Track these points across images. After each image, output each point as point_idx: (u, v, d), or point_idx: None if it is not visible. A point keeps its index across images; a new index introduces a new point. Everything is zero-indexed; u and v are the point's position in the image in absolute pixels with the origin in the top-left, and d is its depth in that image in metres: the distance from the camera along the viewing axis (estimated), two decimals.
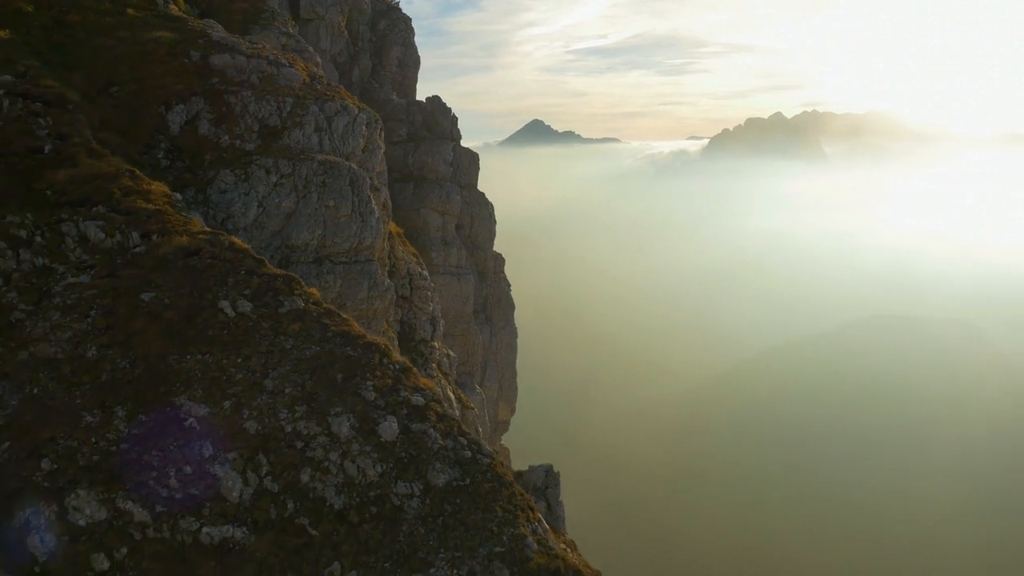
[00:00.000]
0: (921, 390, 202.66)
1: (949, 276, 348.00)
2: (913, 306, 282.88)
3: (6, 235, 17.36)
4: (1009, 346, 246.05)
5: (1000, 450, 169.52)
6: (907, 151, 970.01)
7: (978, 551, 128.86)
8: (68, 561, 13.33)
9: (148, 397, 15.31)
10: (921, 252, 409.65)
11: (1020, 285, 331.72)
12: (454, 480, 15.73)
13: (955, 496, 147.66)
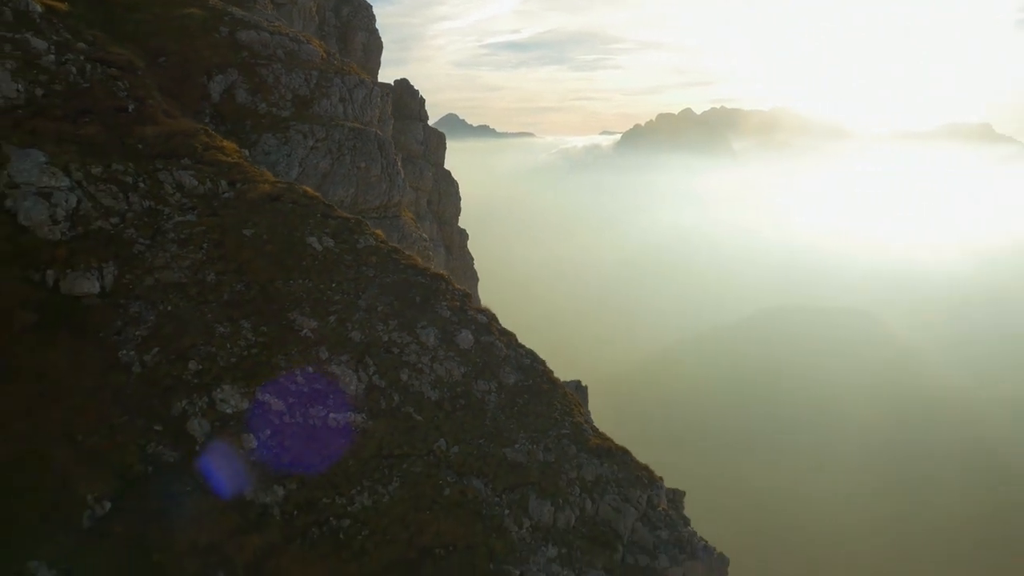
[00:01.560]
0: (824, 376, 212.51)
1: (849, 267, 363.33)
2: (816, 296, 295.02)
3: (116, 181, 19.75)
4: (905, 333, 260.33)
5: (897, 435, 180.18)
6: (812, 147, 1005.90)
7: (878, 534, 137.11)
8: (223, 440, 16.11)
9: (266, 313, 18.09)
10: (823, 244, 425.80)
11: (915, 275, 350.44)
12: (519, 381, 18.98)
13: (855, 478, 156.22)
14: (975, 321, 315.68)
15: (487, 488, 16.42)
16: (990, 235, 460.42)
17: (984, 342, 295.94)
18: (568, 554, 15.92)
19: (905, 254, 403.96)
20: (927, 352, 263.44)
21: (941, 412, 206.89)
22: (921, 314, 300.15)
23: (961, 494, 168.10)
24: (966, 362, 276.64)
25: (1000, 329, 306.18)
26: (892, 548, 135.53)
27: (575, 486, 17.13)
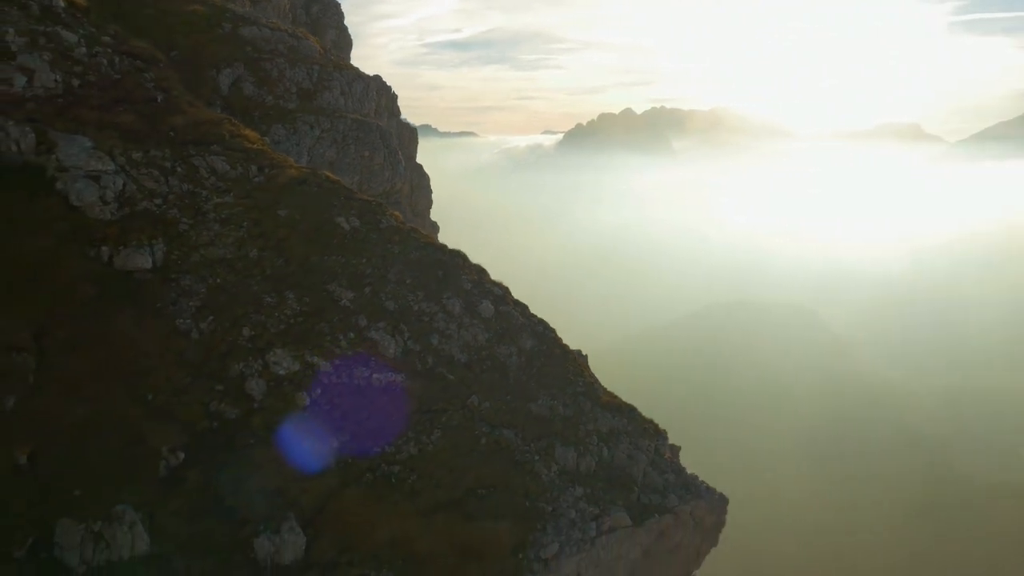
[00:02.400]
0: (766, 371, 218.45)
1: (790, 264, 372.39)
2: (758, 293, 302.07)
3: (156, 165, 21.14)
4: (844, 328, 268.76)
5: (836, 427, 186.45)
6: (751, 146, 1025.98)
7: (819, 522, 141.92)
8: (277, 398, 17.73)
9: (307, 285, 19.74)
10: (764, 242, 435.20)
11: (852, 271, 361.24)
12: (535, 346, 20.93)
13: (796, 469, 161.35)
14: (910, 315, 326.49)
15: (517, 438, 18.30)
16: (922, 232, 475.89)
17: (919, 336, 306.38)
18: (592, 494, 17.90)
19: (843, 251, 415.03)
20: (865, 346, 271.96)
21: (879, 404, 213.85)
22: (859, 309, 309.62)
23: (897, 482, 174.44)
24: (902, 355, 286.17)
25: (934, 323, 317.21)
26: (831, 536, 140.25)
27: (593, 436, 19.12)
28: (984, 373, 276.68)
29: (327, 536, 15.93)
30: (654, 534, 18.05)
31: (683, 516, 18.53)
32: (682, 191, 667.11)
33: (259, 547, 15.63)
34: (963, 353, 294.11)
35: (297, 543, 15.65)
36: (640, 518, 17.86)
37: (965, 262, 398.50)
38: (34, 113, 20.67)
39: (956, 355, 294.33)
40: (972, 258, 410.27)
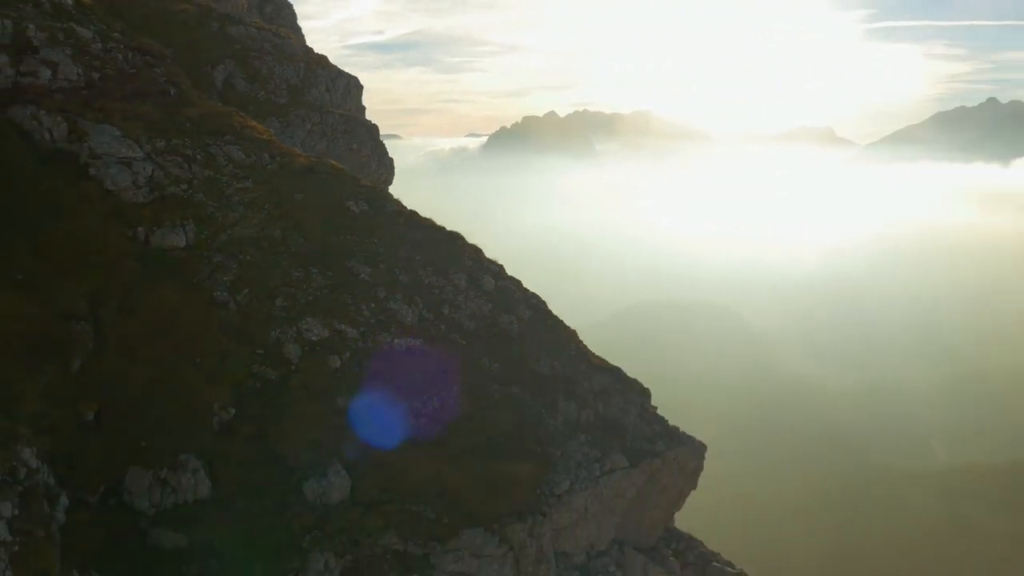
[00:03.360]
0: (688, 370, 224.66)
1: (710, 265, 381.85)
2: (679, 294, 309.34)
3: (179, 153, 22.79)
4: (763, 327, 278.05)
5: (755, 423, 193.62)
6: (671, 149, 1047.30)
7: (735, 517, 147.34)
8: (311, 361, 19.69)
9: (328, 261, 21.71)
10: (685, 243, 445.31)
11: (771, 272, 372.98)
12: (532, 316, 23.29)
13: (716, 465, 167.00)
14: (827, 313, 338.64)
15: (525, 393, 20.62)
16: (837, 232, 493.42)
17: (836, 333, 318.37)
18: (593, 440, 20.34)
19: (761, 252, 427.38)
20: (784, 344, 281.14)
21: (798, 399, 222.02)
22: (778, 309, 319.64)
23: (817, 473, 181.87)
24: (820, 352, 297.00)
25: (849, 320, 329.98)
26: (756, 526, 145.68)
27: (589, 392, 21.56)
28: (897, 368, 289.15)
29: (368, 478, 18.00)
30: (646, 475, 20.58)
31: (669, 460, 21.11)
32: (606, 193, 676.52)
33: (309, 490, 17.61)
34: (878, 349, 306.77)
35: (343, 485, 17.68)
36: (634, 461, 20.37)
37: (878, 261, 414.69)
38: (63, 104, 22.13)
39: (871, 351, 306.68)
40: (885, 257, 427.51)
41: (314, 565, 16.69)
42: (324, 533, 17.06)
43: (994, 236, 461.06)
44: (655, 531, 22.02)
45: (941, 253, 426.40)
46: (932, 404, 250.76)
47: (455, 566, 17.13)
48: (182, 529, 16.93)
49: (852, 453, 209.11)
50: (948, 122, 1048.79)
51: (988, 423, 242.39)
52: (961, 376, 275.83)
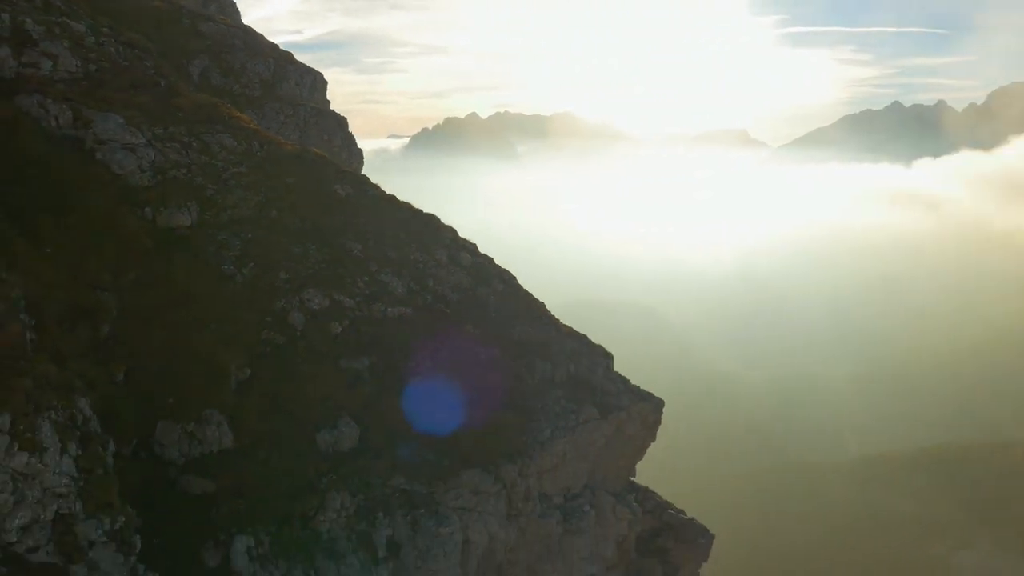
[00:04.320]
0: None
1: (631, 265, 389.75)
2: (600, 294, 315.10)
3: (176, 140, 24.40)
4: (683, 326, 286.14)
5: (676, 418, 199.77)
6: (592, 150, 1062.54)
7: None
8: (315, 328, 21.66)
9: (322, 239, 23.67)
10: (606, 244, 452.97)
11: (689, 271, 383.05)
12: (505, 289, 25.65)
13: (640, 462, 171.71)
14: (743, 312, 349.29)
15: (506, 355, 22.96)
16: (752, 232, 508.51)
17: (752, 330, 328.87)
18: (568, 395, 22.79)
19: (680, 252, 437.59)
20: (704, 342, 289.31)
21: (718, 395, 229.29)
22: (698, 309, 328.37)
23: (738, 465, 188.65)
24: (738, 349, 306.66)
25: (765, 318, 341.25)
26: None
27: (561, 355, 24.00)
28: (811, 363, 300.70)
29: (374, 428, 20.10)
30: (614, 426, 23.14)
31: (633, 413, 23.72)
32: (529, 195, 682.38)
33: (321, 439, 19.64)
34: (792, 345, 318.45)
35: (352, 434, 19.77)
36: (603, 414, 22.91)
37: (792, 260, 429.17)
38: (66, 93, 23.53)
39: (787, 347, 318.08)
40: (798, 256, 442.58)
41: (331, 504, 18.73)
42: (339, 476, 19.11)
43: (899, 234, 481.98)
44: (621, 479, 24.62)
45: (851, 251, 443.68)
46: (845, 397, 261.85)
47: (456, 502, 19.39)
48: (209, 476, 18.76)
49: (769, 447, 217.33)
50: (856, 125, 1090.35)
51: (897, 413, 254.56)
52: (871, 369, 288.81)
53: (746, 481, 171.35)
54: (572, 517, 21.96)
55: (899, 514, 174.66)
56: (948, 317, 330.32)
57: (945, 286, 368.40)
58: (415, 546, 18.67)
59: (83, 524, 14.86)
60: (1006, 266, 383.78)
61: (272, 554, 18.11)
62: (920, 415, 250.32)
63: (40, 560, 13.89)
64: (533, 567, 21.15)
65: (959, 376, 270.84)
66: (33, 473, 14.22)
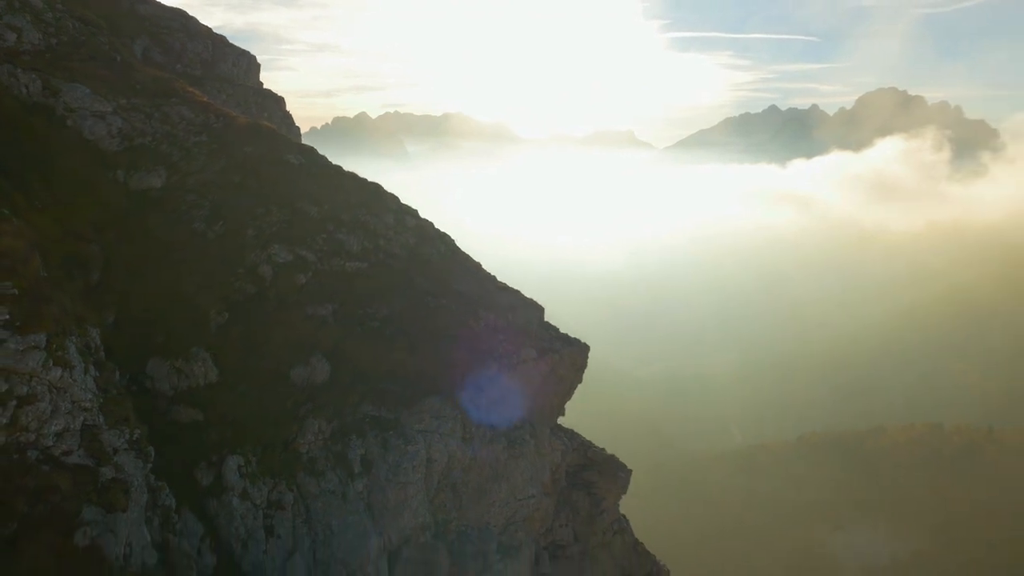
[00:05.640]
0: None
1: (519, 263, 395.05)
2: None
3: (139, 110, 26.08)
4: (571, 324, 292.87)
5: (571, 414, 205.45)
6: (481, 150, 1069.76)
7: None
8: (282, 279, 23.88)
9: (282, 202, 25.84)
10: (494, 242, 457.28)
11: (577, 270, 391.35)
12: (445, 250, 28.33)
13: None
14: (630, 309, 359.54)
15: (452, 304, 25.67)
16: (637, 231, 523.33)
17: (638, 327, 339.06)
18: (509, 339, 25.63)
19: (567, 251, 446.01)
20: (591, 340, 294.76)
21: (607, 392, 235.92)
22: (585, 309, 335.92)
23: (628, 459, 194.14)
24: (625, 346, 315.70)
25: (652, 315, 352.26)
26: None
27: (501, 306, 26.88)
28: (696, 358, 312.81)
29: (342, 366, 22.51)
30: (549, 366, 26.15)
31: (565, 356, 26.79)
32: (419, 195, 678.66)
33: (296, 375, 21.98)
34: (677, 341, 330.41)
35: (324, 369, 22.16)
36: (540, 355, 25.90)
37: (678, 259, 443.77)
38: (32, 64, 24.93)
39: (674, 342, 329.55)
40: (681, 254, 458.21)
41: (309, 429, 21.11)
42: (314, 405, 21.49)
43: (777, 232, 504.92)
44: (553, 415, 27.66)
45: (733, 249, 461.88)
46: (729, 390, 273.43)
47: (420, 425, 22.02)
48: (198, 406, 20.87)
49: (658, 440, 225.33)
50: (736, 127, 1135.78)
51: (777, 404, 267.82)
52: (753, 362, 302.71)
53: (638, 472, 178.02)
54: (515, 444, 24.87)
55: (780, 499, 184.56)
56: (822, 311, 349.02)
57: (819, 281, 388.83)
58: (386, 462, 21.20)
59: (107, 433, 16.89)
60: (874, 261, 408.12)
61: (259, 472, 20.37)
62: (799, 405, 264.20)
63: (74, 462, 15.85)
64: (483, 487, 23.93)
65: (833, 367, 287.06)
66: (64, 387, 16.23)
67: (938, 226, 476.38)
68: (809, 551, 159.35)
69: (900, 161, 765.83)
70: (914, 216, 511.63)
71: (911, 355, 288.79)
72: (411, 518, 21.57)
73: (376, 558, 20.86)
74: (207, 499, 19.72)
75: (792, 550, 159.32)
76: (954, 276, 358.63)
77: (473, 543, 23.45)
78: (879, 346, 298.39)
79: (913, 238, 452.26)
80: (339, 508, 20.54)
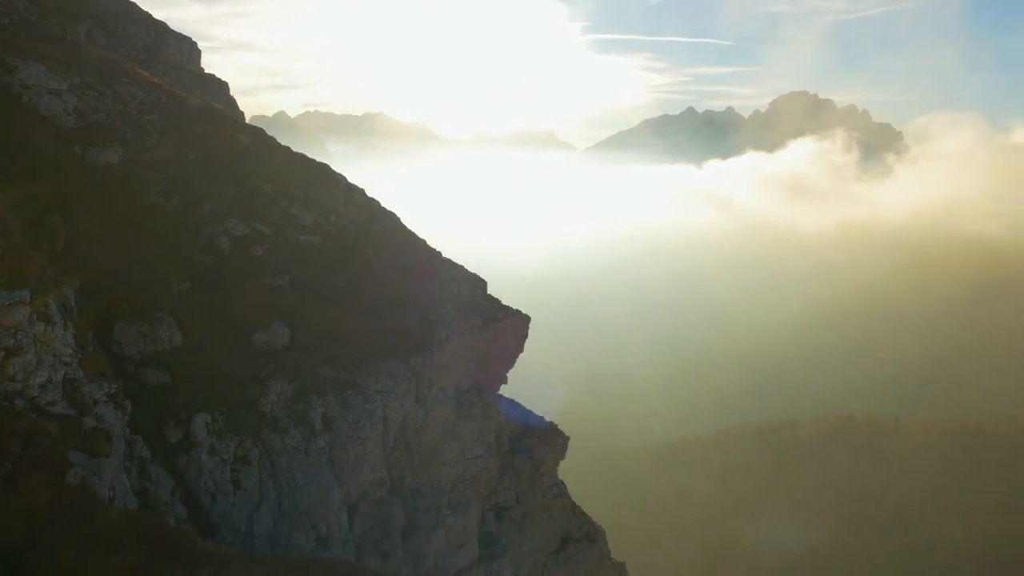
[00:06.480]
0: None
1: None
2: None
3: (92, 88, 26.71)
4: None
5: None
6: (402, 150, 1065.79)
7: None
8: (240, 250, 24.93)
9: (238, 179, 26.84)
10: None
11: (499, 271, 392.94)
12: (391, 227, 29.70)
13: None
14: (551, 307, 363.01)
15: (402, 276, 27.08)
16: (560, 232, 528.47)
17: (562, 327, 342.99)
18: (457, 309, 27.18)
19: (489, 252, 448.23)
20: None
21: (533, 389, 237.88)
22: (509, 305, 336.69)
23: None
24: (547, 345, 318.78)
25: (572, 313, 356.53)
26: None
27: (447, 279, 28.38)
28: (616, 355, 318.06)
29: (301, 332, 23.70)
30: (493, 334, 27.78)
31: (508, 325, 28.45)
32: None
33: (257, 339, 23.08)
34: (602, 339, 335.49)
35: (284, 333, 23.33)
36: (486, 323, 27.51)
37: (599, 258, 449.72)
38: None
39: (596, 341, 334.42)
40: (602, 253, 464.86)
41: (272, 389, 22.25)
42: (277, 367, 22.62)
43: (695, 231, 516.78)
44: (497, 383, 29.30)
45: (653, 249, 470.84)
46: (650, 386, 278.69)
47: (377, 385, 23.37)
48: (164, 368, 21.78)
49: (580, 437, 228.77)
50: (655, 128, 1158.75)
51: (697, 399, 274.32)
52: (673, 358, 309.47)
53: (560, 468, 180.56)
54: (463, 407, 26.44)
55: (699, 492, 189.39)
56: (739, 308, 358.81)
57: (736, 279, 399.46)
58: (346, 420, 22.49)
59: (87, 386, 17.87)
60: (787, 259, 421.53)
61: (226, 430, 21.42)
62: (717, 400, 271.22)
63: (58, 412, 16.83)
64: (435, 446, 25.41)
65: (750, 362, 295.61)
66: (47, 341, 17.19)
67: (848, 225, 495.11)
68: (728, 542, 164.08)
69: (812, 162, 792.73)
70: (825, 215, 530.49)
71: (823, 350, 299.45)
72: (370, 472, 22.91)
73: (338, 510, 22.15)
74: (176, 455, 20.69)
75: (712, 542, 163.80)
76: (863, 273, 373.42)
77: (426, 498, 24.93)
78: (793, 341, 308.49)
79: (824, 237, 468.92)
80: (303, 463, 21.74)
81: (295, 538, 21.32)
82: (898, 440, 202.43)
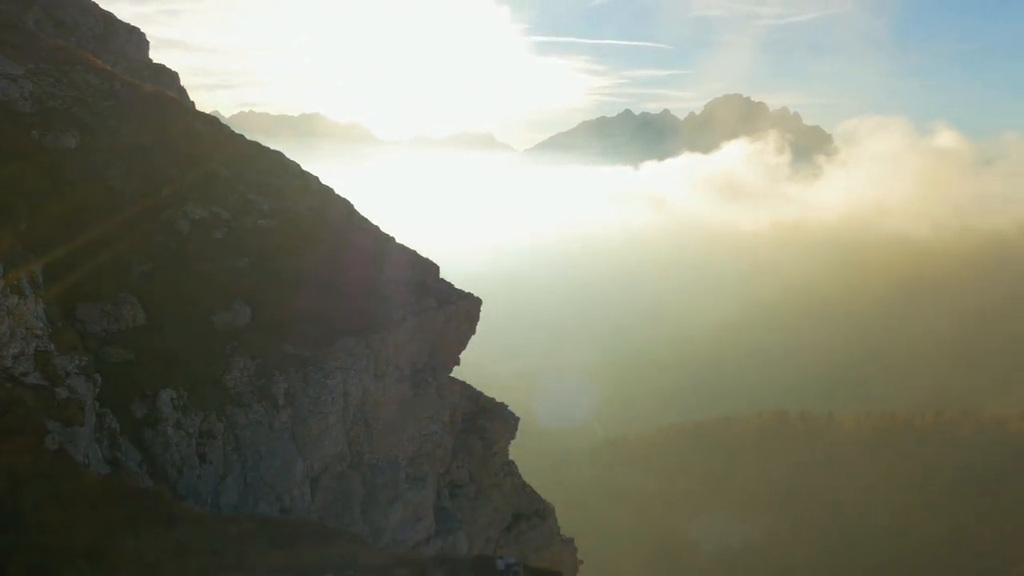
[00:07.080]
0: None
1: None
2: None
3: (48, 75, 26.95)
4: None
5: None
6: (339, 151, 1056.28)
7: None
8: (200, 234, 25.50)
9: (196, 164, 27.40)
10: None
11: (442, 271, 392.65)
12: (346, 209, 30.48)
13: None
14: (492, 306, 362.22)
15: (358, 259, 27.90)
16: (499, 234, 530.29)
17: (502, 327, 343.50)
18: (412, 290, 28.10)
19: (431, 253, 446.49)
20: None
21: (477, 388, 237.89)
22: None
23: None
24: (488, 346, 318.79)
25: (512, 313, 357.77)
26: None
27: (402, 262, 29.27)
28: (556, 354, 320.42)
29: (262, 311, 24.38)
30: (447, 315, 28.75)
31: (461, 307, 29.45)
32: None
33: (219, 318, 23.70)
34: (542, 338, 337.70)
35: (245, 312, 23.99)
36: (440, 305, 28.49)
37: (538, 259, 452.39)
38: None
39: (536, 340, 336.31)
40: (541, 253, 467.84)
41: (235, 366, 22.89)
42: (240, 344, 23.27)
43: (632, 231, 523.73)
44: (451, 363, 30.27)
45: (592, 249, 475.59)
46: (590, 385, 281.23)
47: (337, 362, 24.16)
48: (129, 347, 22.26)
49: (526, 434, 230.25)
50: (593, 130, 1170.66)
51: (637, 397, 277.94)
52: (613, 357, 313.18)
53: (534, 467, 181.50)
54: (419, 385, 27.37)
55: (643, 490, 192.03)
56: (676, 306, 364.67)
57: (673, 278, 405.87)
58: (308, 395, 23.25)
59: (59, 359, 18.39)
60: (723, 258, 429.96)
61: (191, 405, 22.02)
62: (658, 398, 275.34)
63: (32, 382, 17.34)
64: (392, 422, 26.29)
65: (688, 360, 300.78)
66: (20, 313, 17.70)
67: (781, 225, 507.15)
68: (670, 539, 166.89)
69: (745, 163, 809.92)
70: (759, 215, 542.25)
71: (758, 346, 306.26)
72: (331, 446, 23.72)
73: (300, 482, 22.92)
74: (142, 429, 21.22)
75: (654, 539, 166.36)
76: (795, 271, 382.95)
77: (384, 473, 25.80)
78: (729, 339, 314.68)
79: (758, 236, 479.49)
80: (266, 436, 22.45)
81: (260, 509, 22.03)
82: (831, 434, 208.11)
